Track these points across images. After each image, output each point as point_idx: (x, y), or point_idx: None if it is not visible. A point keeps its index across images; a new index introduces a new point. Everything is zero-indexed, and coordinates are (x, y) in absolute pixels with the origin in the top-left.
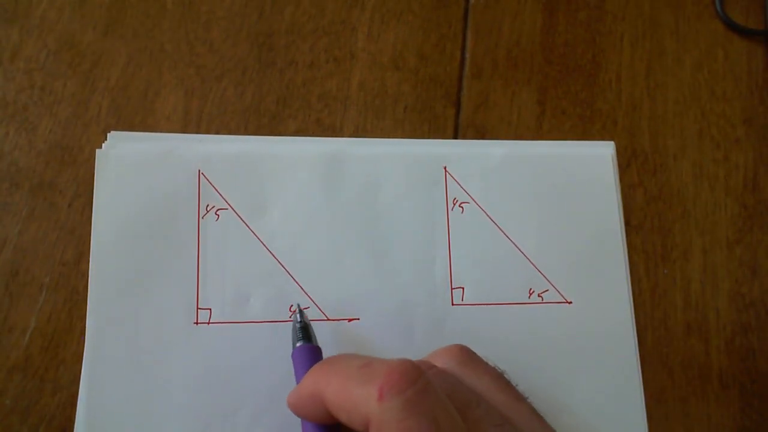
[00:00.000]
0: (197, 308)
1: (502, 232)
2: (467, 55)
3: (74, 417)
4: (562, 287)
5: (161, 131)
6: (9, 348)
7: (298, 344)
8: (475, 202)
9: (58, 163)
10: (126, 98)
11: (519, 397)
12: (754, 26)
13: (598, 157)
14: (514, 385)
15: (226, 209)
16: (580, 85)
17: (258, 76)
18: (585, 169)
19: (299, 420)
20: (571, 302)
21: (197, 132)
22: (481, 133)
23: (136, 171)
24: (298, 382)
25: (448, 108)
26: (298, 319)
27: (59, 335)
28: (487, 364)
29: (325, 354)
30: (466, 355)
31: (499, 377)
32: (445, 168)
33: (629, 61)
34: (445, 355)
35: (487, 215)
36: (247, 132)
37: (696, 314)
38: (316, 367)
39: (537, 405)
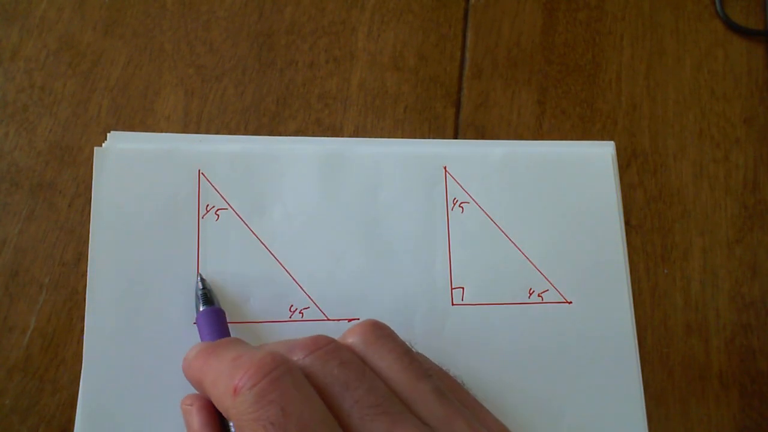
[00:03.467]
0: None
1: (502, 232)
2: (467, 55)
3: (74, 417)
4: (562, 287)
5: (161, 131)
6: (9, 348)
7: (201, 308)
8: (475, 202)
9: (58, 163)
10: (126, 98)
11: (420, 376)
12: (754, 26)
13: (598, 157)
14: (444, 367)
15: (226, 209)
16: (580, 85)
17: (258, 76)
18: (585, 169)
19: None
20: (571, 302)
21: (197, 132)
22: (481, 133)
23: (135, 171)
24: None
25: (448, 108)
26: (200, 286)
27: (59, 335)
28: (395, 341)
29: None
30: (373, 332)
31: (403, 355)
32: (445, 168)
33: (629, 61)
34: (354, 331)
35: (487, 215)
36: (247, 132)
37: (696, 314)
38: (202, 351)
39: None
